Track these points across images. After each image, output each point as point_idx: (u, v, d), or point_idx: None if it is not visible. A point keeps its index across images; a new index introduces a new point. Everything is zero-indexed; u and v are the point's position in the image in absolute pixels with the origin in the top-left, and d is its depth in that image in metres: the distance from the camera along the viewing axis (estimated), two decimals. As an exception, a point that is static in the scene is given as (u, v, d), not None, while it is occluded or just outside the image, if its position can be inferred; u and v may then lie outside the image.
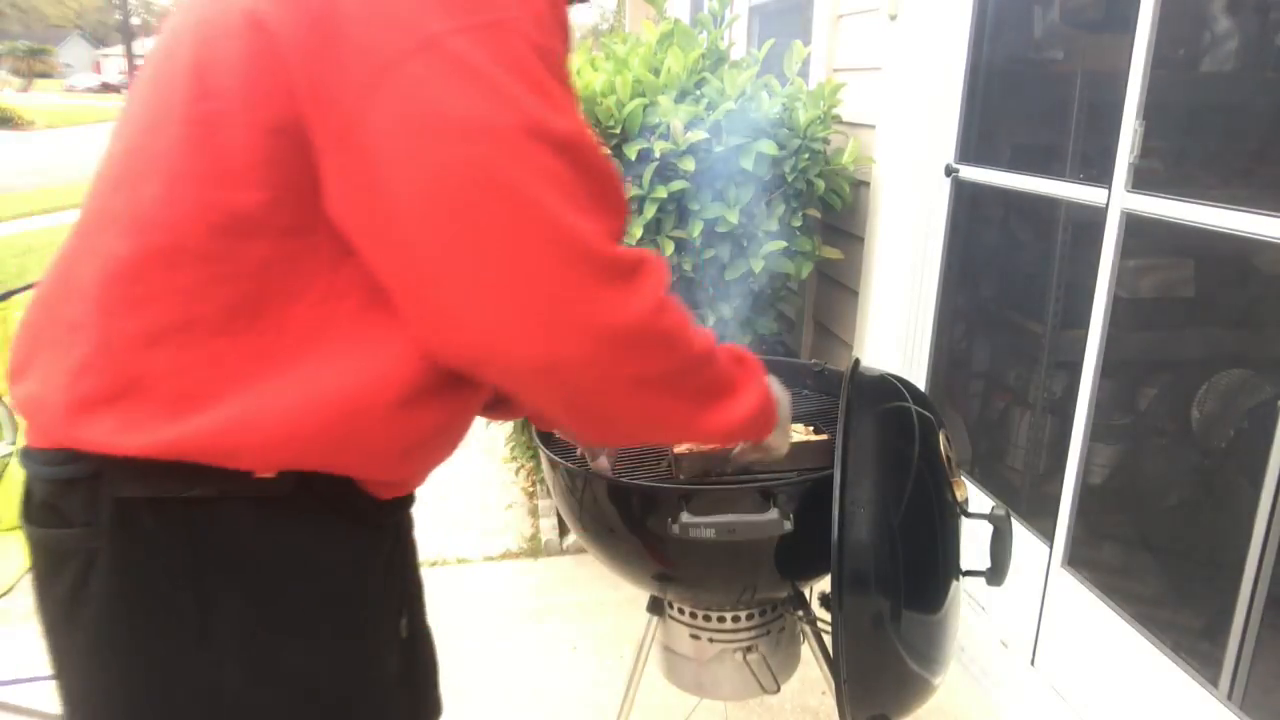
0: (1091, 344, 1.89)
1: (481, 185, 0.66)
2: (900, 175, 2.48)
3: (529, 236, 0.67)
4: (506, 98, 0.67)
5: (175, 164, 0.72)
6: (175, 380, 0.73)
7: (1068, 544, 2.00)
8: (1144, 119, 1.75)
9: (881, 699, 1.23)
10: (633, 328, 0.72)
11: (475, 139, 0.65)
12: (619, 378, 0.74)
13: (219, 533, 0.77)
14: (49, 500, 0.79)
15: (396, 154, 0.66)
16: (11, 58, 46.12)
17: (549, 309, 0.68)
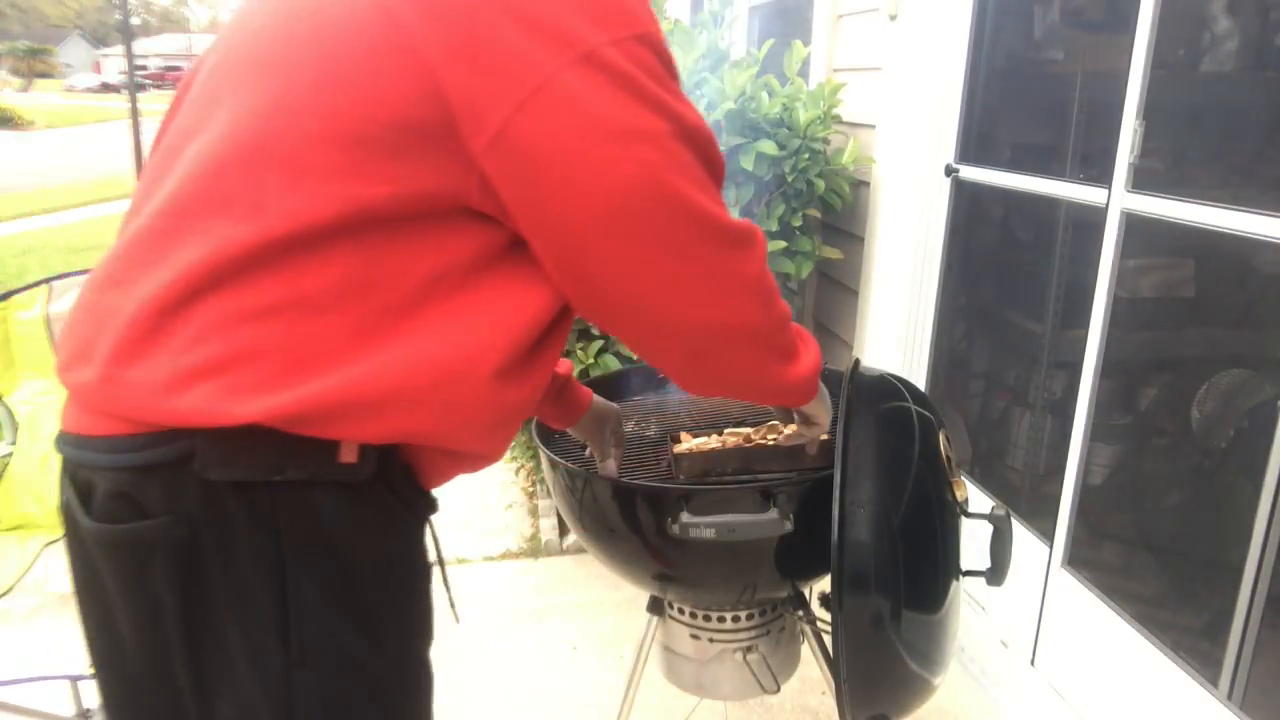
0: (1091, 344, 1.89)
1: (644, 184, 0.75)
2: (900, 175, 2.48)
3: (683, 224, 0.78)
4: (656, 103, 0.75)
5: (303, 156, 0.73)
6: (284, 352, 0.74)
7: (1068, 544, 2.00)
8: (1144, 119, 1.75)
9: (881, 699, 1.23)
10: (754, 283, 0.86)
11: (636, 142, 0.74)
12: (741, 329, 0.87)
13: (303, 522, 0.78)
14: (122, 490, 0.77)
15: (565, 158, 0.73)
16: (11, 58, 46.12)
17: (706, 280, 0.82)
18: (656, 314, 0.82)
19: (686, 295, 0.82)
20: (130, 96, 14.20)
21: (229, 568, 0.77)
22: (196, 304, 0.74)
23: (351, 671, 0.82)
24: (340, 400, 0.75)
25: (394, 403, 0.77)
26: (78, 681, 1.58)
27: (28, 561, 1.77)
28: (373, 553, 0.82)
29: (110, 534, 0.79)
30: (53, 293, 1.88)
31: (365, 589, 0.82)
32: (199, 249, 0.74)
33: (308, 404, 0.74)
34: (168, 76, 51.49)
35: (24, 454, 1.88)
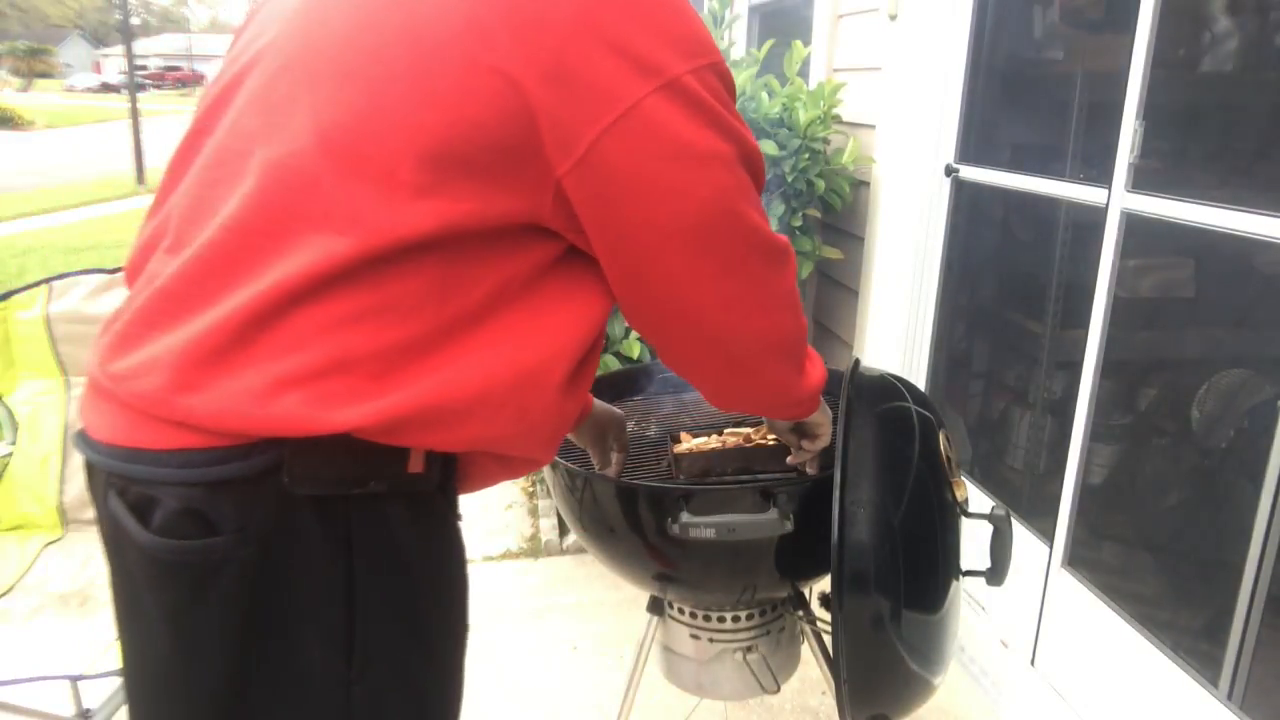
0: (1091, 344, 1.89)
1: (715, 204, 0.82)
2: (900, 175, 2.48)
3: (743, 241, 0.85)
4: (726, 128, 0.82)
5: (398, 171, 0.74)
6: (374, 361, 0.75)
7: (1068, 544, 2.00)
8: (1144, 119, 1.75)
9: (881, 699, 1.23)
10: (790, 296, 0.93)
11: (710, 165, 0.80)
12: (780, 340, 0.95)
13: (374, 534, 0.78)
14: (193, 506, 0.74)
15: (645, 178, 0.78)
16: (11, 58, 46.12)
17: (756, 293, 0.89)
18: (708, 325, 0.88)
19: (739, 308, 0.88)
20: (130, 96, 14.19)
21: (298, 584, 0.76)
22: (289, 314, 0.74)
23: (406, 684, 0.83)
24: (428, 406, 0.76)
25: (476, 408, 0.79)
26: (78, 681, 1.58)
27: (28, 561, 1.77)
28: (432, 564, 0.84)
29: (175, 550, 0.76)
30: (53, 293, 1.88)
31: (424, 600, 0.83)
32: (295, 260, 0.74)
33: (398, 411, 0.75)
34: (168, 76, 51.52)
35: (24, 454, 1.88)
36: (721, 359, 0.93)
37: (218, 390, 0.73)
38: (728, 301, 0.87)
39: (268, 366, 0.73)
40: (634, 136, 0.76)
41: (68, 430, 1.89)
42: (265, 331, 0.74)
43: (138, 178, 12.66)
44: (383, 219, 0.74)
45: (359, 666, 0.78)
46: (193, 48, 61.20)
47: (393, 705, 0.82)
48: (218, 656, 0.77)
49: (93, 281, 1.89)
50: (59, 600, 1.70)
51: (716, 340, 0.90)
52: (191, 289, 0.77)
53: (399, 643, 0.81)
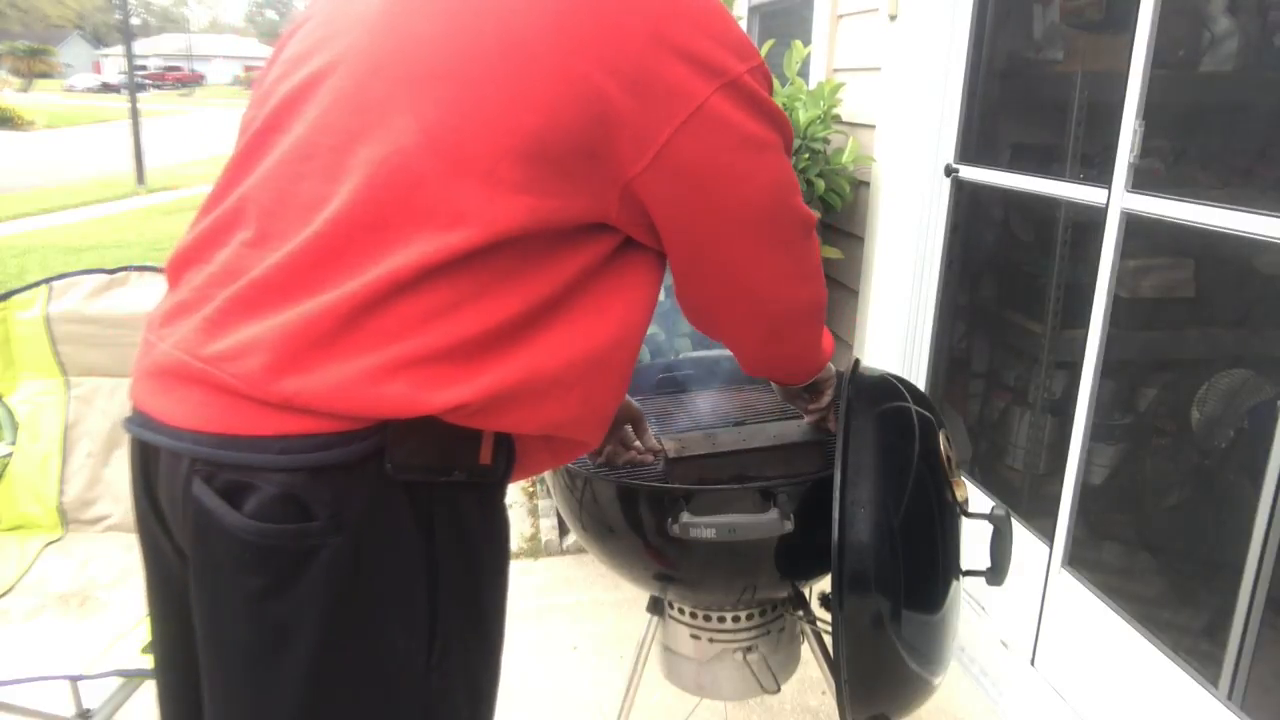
0: (1091, 344, 1.90)
1: (773, 188, 0.92)
2: (900, 175, 2.48)
3: (792, 219, 0.96)
4: (774, 120, 0.89)
5: (497, 169, 0.79)
6: (467, 344, 0.79)
7: (1068, 544, 2.00)
8: (1144, 119, 1.76)
9: (881, 699, 1.23)
10: (819, 264, 1.07)
11: (768, 153, 0.89)
12: (816, 305, 1.10)
13: (452, 523, 0.82)
14: (290, 492, 0.75)
15: (714, 168, 0.86)
16: (11, 58, 46.12)
17: (800, 264, 1.02)
18: (762, 296, 1.00)
19: (789, 280, 1.01)
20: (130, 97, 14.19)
21: (386, 572, 0.78)
22: (395, 302, 0.78)
23: (467, 672, 0.87)
24: (513, 386, 0.81)
25: (553, 389, 0.85)
26: (78, 681, 1.58)
27: (28, 561, 1.78)
28: (494, 553, 0.88)
29: (270, 534, 0.76)
30: (53, 293, 1.88)
31: (486, 590, 0.87)
32: (407, 253, 0.78)
33: (490, 391, 0.80)
34: (168, 76, 51.54)
35: (24, 454, 1.88)
36: (765, 328, 1.06)
37: (326, 373, 0.75)
38: (781, 275, 0.99)
39: (377, 351, 0.77)
40: (704, 131, 0.83)
41: (68, 430, 1.90)
42: (373, 318, 0.77)
43: (138, 178, 12.65)
44: (486, 213, 0.79)
45: (438, 654, 0.82)
46: (193, 48, 61.20)
47: (458, 692, 0.86)
48: (304, 643, 0.78)
49: (93, 281, 1.89)
50: (59, 600, 1.70)
51: (766, 310, 1.02)
52: (296, 278, 0.79)
53: (467, 631, 0.85)
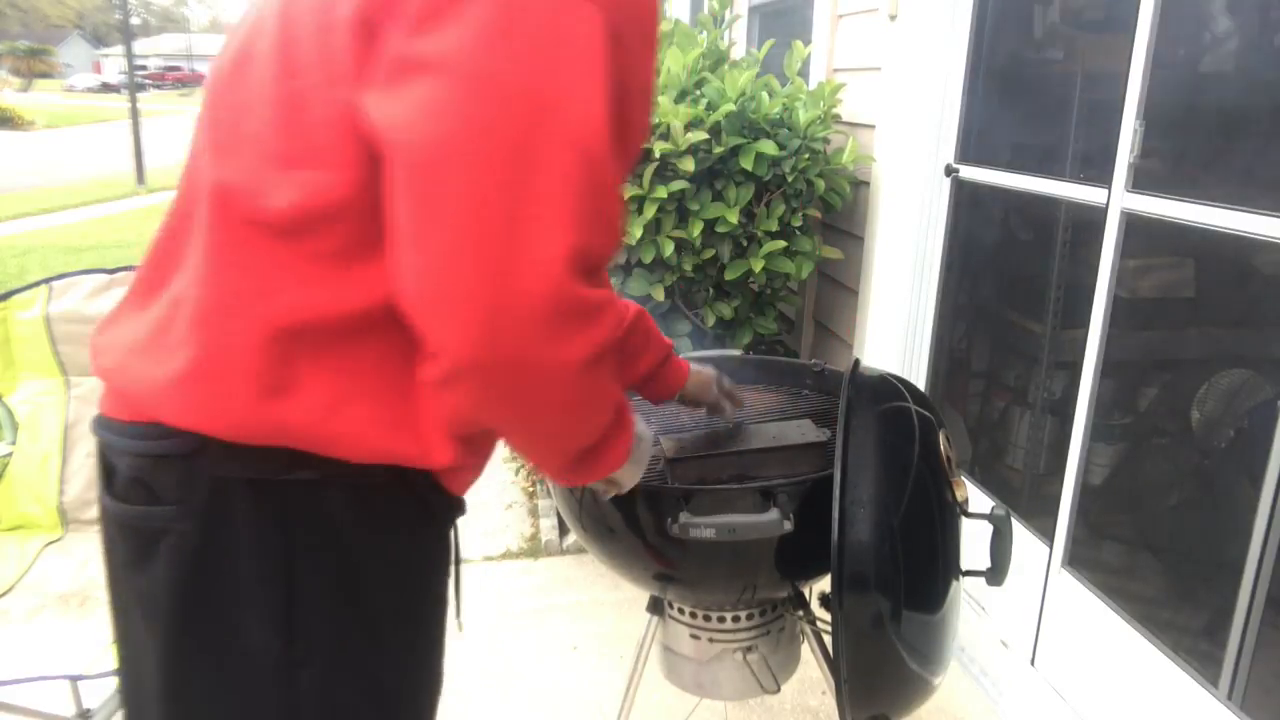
0: (1091, 344, 1.89)
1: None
2: (900, 175, 2.48)
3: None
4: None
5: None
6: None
7: (1068, 544, 2.00)
8: (1144, 119, 1.75)
9: (881, 699, 1.23)
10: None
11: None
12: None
13: (314, 520, 0.78)
14: (138, 476, 0.79)
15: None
16: (11, 58, 46.09)
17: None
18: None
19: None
20: (130, 97, 14.19)
21: (235, 563, 0.77)
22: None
23: (354, 672, 0.83)
24: (332, 413, 0.80)
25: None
26: (78, 681, 1.58)
27: (28, 561, 1.77)
28: (383, 554, 0.83)
29: (124, 513, 0.81)
30: (53, 293, 1.88)
31: (374, 590, 0.83)
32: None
33: (300, 414, 0.79)
34: (168, 77, 51.51)
35: (24, 454, 1.88)
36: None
37: (150, 371, 0.78)
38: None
39: (170, 360, 0.78)
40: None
41: (68, 430, 1.89)
42: (186, 328, 0.79)
43: (138, 178, 12.65)
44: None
45: (303, 650, 0.79)
46: (193, 48, 61.17)
47: (344, 691, 0.83)
48: (160, 617, 0.80)
49: (93, 281, 1.89)
50: (59, 600, 1.70)
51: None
52: (147, 280, 0.84)
53: (345, 630, 0.82)
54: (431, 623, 0.91)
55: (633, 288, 2.40)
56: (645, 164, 2.28)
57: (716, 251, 2.39)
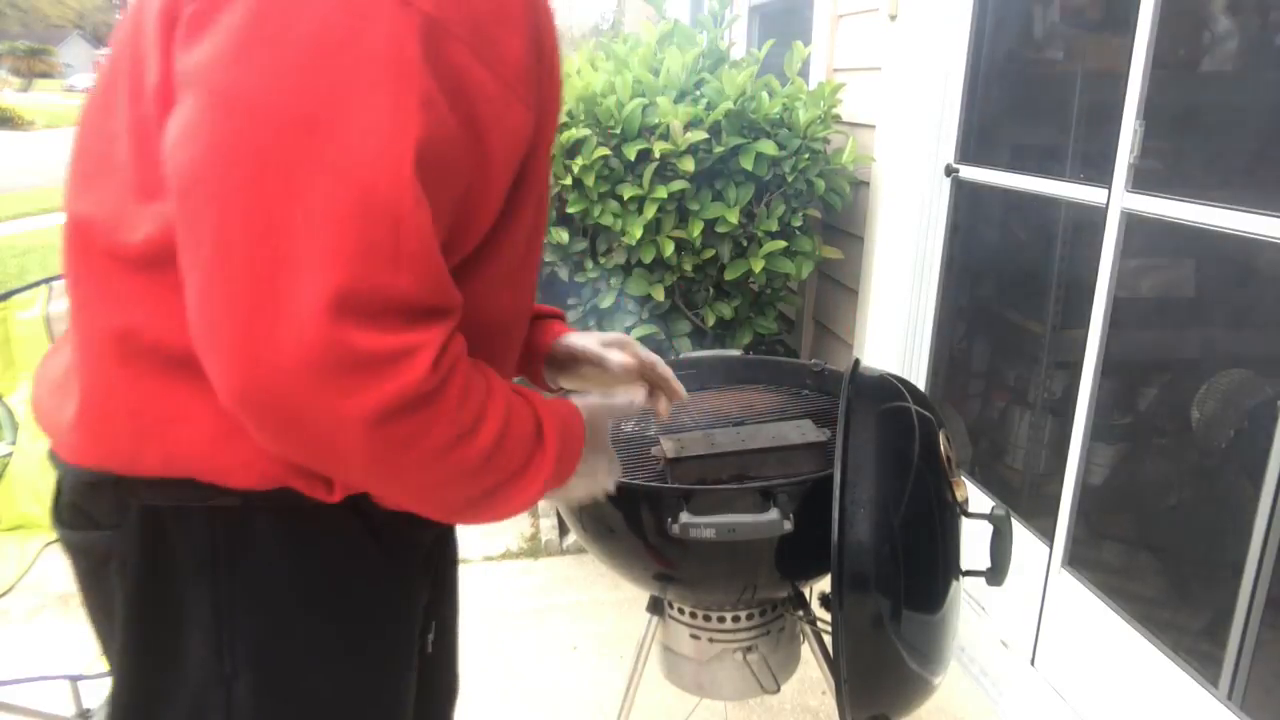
0: (1091, 344, 1.89)
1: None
2: (900, 175, 2.48)
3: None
4: None
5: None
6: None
7: (1068, 544, 2.00)
8: (1144, 119, 1.75)
9: (881, 699, 1.23)
10: None
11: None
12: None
13: (241, 544, 0.76)
14: (77, 502, 0.80)
15: None
16: (11, 58, 46.06)
17: None
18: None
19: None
20: (130, 96, 14.13)
21: (177, 584, 0.77)
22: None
23: (292, 694, 0.81)
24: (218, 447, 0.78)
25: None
26: (78, 681, 1.58)
27: (28, 561, 1.77)
28: (321, 575, 0.80)
29: (70, 538, 0.82)
30: (53, 293, 1.88)
31: (310, 615, 0.80)
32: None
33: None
34: (168, 76, 51.33)
35: (24, 454, 1.88)
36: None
37: (64, 414, 0.79)
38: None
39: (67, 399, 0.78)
40: None
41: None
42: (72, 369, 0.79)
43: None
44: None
45: (232, 664, 0.78)
46: (193, 48, 60.94)
47: (276, 705, 0.80)
48: (117, 643, 0.80)
49: (93, 281, 1.89)
50: (59, 600, 1.70)
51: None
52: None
53: (280, 651, 0.79)
54: (387, 649, 0.86)
55: (632, 288, 2.40)
56: (645, 164, 2.28)
57: (716, 251, 2.39)
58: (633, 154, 2.24)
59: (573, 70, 2.58)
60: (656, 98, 2.31)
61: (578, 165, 2.25)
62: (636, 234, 2.28)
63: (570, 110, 2.29)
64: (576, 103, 2.30)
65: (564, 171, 2.27)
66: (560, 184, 2.29)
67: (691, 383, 1.69)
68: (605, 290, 2.42)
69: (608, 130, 2.29)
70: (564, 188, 2.29)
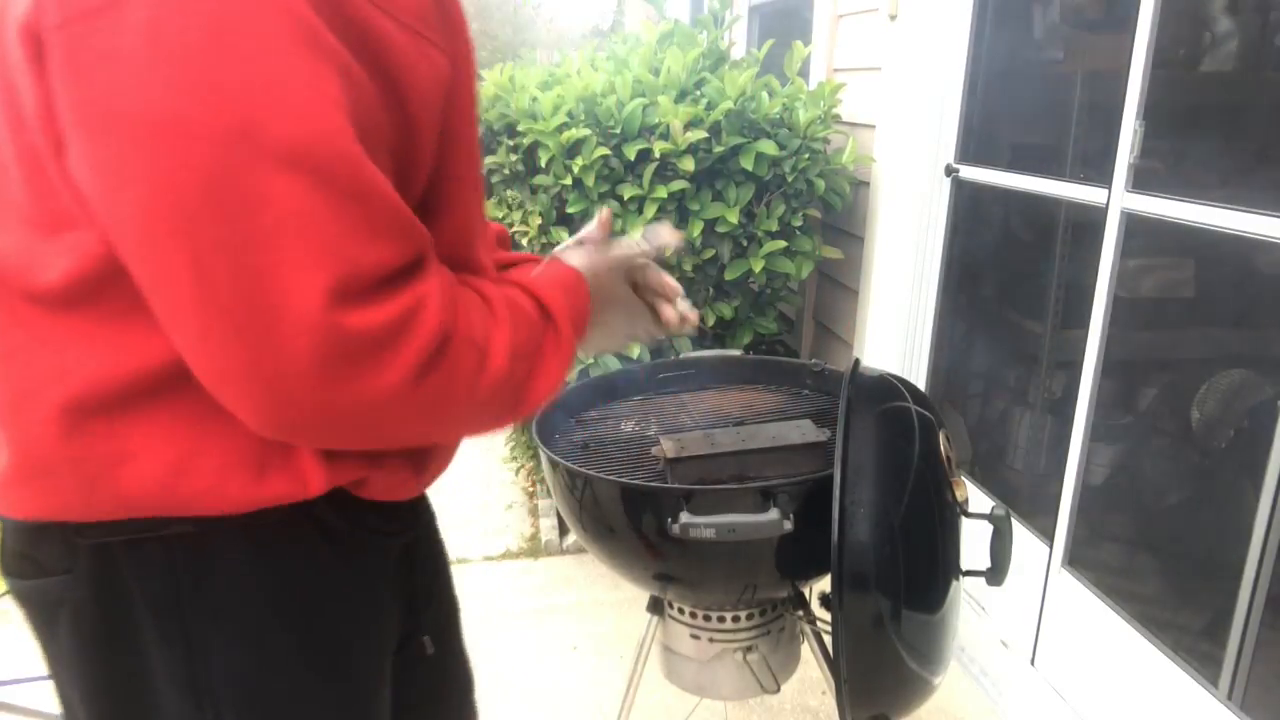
0: (1091, 344, 1.90)
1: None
2: (900, 175, 2.48)
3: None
4: None
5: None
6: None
7: (1068, 544, 2.00)
8: (1144, 119, 1.75)
9: (881, 699, 1.23)
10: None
11: None
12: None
13: (203, 571, 0.73)
14: (22, 549, 0.75)
15: None
16: None
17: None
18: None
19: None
20: (130, 96, 14.15)
21: (136, 625, 0.73)
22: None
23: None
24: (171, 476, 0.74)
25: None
26: (78, 681, 1.58)
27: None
28: (293, 595, 0.76)
29: (19, 587, 0.77)
30: None
31: (288, 640, 0.77)
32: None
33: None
34: (168, 76, 51.31)
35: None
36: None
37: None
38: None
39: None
40: None
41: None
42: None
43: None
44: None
45: (210, 707, 0.74)
46: (193, 48, 60.97)
47: None
48: (78, 694, 0.76)
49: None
50: (59, 600, 1.70)
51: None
52: None
53: (258, 680, 0.76)
54: (362, 663, 0.83)
55: (633, 288, 2.40)
56: (645, 164, 2.28)
57: (716, 251, 2.39)
58: (633, 154, 2.24)
59: (573, 70, 2.58)
60: (657, 98, 2.31)
61: (578, 165, 2.25)
62: (636, 234, 2.28)
63: (570, 110, 2.29)
64: (576, 103, 2.30)
65: (564, 171, 2.27)
66: (560, 184, 2.29)
67: (691, 383, 1.69)
68: (605, 290, 2.41)
69: (608, 130, 2.29)
70: (564, 188, 2.29)
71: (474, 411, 0.72)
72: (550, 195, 2.31)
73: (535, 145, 2.29)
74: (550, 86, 2.43)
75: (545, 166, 2.28)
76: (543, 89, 2.40)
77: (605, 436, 1.50)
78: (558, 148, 2.24)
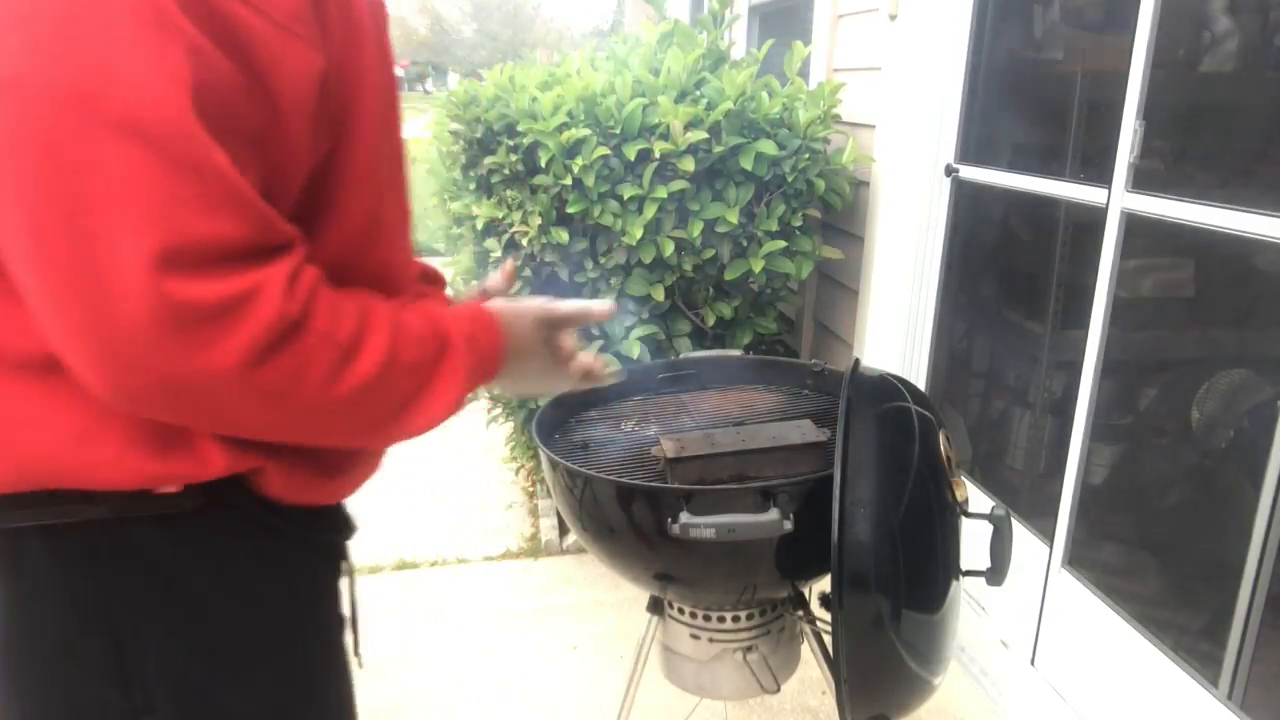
0: (1091, 344, 1.90)
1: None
2: (900, 175, 2.48)
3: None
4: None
5: None
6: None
7: (1068, 544, 2.00)
8: (1144, 119, 1.75)
9: (881, 699, 1.23)
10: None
11: None
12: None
13: (126, 559, 0.71)
14: None
15: None
16: None
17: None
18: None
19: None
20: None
21: (51, 617, 0.72)
22: None
23: (211, 712, 0.77)
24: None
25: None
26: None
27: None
28: (223, 583, 0.76)
29: None
30: None
31: (219, 627, 0.76)
32: None
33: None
34: (168, 76, 51.34)
35: None
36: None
37: None
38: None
39: None
40: None
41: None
42: None
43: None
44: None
45: (141, 697, 0.74)
46: (193, 48, 61.01)
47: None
48: (10, 689, 0.75)
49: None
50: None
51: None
52: None
53: (192, 673, 0.75)
54: (312, 664, 0.83)
55: (632, 288, 2.40)
56: (645, 164, 2.28)
57: (716, 251, 2.39)
58: (633, 154, 2.24)
59: (573, 70, 2.58)
60: (657, 98, 2.31)
61: (578, 165, 2.25)
62: (636, 234, 2.28)
63: (570, 110, 2.29)
64: (576, 103, 2.30)
65: (564, 171, 2.27)
66: (560, 184, 2.29)
67: (691, 383, 1.69)
68: (605, 290, 2.42)
69: (608, 130, 2.29)
70: (564, 188, 2.29)
71: (336, 413, 0.71)
72: (550, 195, 2.31)
73: (535, 145, 2.29)
74: (550, 86, 2.43)
75: (545, 166, 2.28)
76: (543, 89, 2.40)
77: (605, 436, 1.50)
78: (558, 148, 2.24)
